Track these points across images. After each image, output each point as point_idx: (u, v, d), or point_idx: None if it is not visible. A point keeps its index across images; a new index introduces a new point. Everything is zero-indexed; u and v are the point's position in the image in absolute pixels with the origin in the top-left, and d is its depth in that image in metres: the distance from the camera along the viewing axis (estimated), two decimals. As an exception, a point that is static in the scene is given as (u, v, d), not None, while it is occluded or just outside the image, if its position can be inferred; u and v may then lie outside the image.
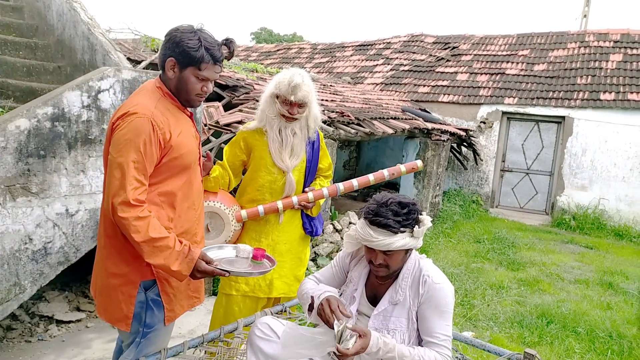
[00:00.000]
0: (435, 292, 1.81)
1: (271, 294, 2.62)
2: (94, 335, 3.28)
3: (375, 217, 1.74)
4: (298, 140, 2.58)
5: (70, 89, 2.91)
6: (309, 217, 2.74)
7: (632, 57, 9.59)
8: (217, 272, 1.81)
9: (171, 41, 1.81)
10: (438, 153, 7.51)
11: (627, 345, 3.94)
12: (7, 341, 3.11)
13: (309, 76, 2.58)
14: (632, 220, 8.54)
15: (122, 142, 1.72)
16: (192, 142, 1.94)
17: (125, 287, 1.82)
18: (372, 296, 1.96)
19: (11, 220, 2.72)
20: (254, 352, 1.90)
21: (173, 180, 1.86)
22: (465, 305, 4.56)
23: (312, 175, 2.75)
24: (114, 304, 1.84)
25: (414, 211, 1.79)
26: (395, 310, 1.85)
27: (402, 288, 1.86)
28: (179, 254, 1.72)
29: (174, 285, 1.90)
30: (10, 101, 3.80)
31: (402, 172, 2.85)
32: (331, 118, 5.52)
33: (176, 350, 1.97)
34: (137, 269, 1.82)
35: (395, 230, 1.73)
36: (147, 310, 1.87)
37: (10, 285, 2.76)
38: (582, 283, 5.61)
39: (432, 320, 1.81)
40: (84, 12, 4.42)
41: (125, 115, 1.76)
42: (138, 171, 1.71)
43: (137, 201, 1.69)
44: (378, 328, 1.84)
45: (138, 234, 1.67)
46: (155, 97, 1.84)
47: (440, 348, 1.77)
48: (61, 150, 2.91)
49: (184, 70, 1.83)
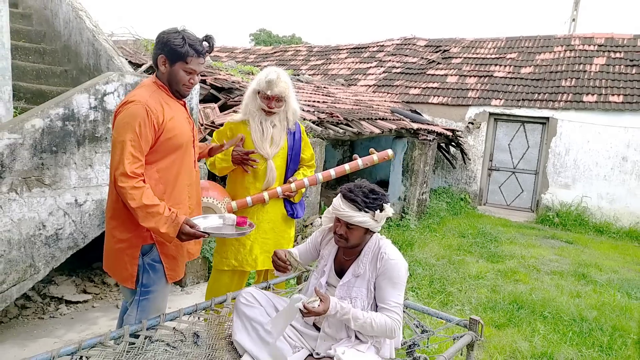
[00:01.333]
0: (390, 266, 2.15)
1: (256, 267, 2.99)
2: (100, 314, 3.63)
3: (348, 192, 2.11)
4: (277, 131, 2.94)
5: (79, 91, 3.26)
6: (291, 202, 3.09)
7: (615, 61, 9.95)
8: (199, 234, 2.17)
9: (160, 42, 2.20)
10: (425, 152, 7.86)
11: (587, 327, 4.29)
12: (22, 318, 3.46)
13: (286, 73, 2.94)
14: (612, 217, 8.90)
15: (121, 125, 2.10)
16: (185, 125, 2.31)
17: (129, 250, 2.21)
18: (339, 270, 2.30)
19: (27, 208, 3.07)
20: (238, 316, 2.24)
21: (168, 158, 2.23)
22: (441, 292, 4.91)
23: (295, 162, 3.09)
24: (121, 265, 2.22)
25: (381, 199, 2.12)
26: (357, 281, 2.19)
27: (363, 263, 2.19)
28: (167, 219, 2.09)
29: (172, 247, 2.27)
30: (22, 102, 4.15)
31: (375, 161, 3.19)
32: (320, 119, 5.87)
33: (173, 315, 2.31)
34: (139, 235, 2.20)
35: (360, 207, 2.07)
36: (143, 272, 2.24)
37: (26, 266, 3.11)
38: (557, 274, 5.96)
39: (386, 290, 2.14)
40: (89, 20, 4.77)
41: (125, 103, 2.16)
42: (134, 149, 2.08)
43: (134, 174, 2.06)
44: (342, 296, 2.18)
45: (133, 200, 2.05)
46: (151, 89, 2.22)
47: (391, 313, 2.10)
48: (71, 146, 3.26)
49: (174, 65, 2.20)
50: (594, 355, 3.81)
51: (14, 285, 3.06)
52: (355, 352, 2.02)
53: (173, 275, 2.33)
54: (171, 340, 2.18)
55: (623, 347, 3.98)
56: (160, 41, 2.20)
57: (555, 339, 4.05)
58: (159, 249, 2.25)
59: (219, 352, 2.19)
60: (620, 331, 4.26)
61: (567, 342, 4.00)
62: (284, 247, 3.09)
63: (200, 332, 2.27)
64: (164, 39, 2.18)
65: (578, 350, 3.87)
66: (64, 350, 1.93)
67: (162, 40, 2.19)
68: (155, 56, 2.22)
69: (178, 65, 2.20)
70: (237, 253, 2.95)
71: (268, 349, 2.14)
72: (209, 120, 5.19)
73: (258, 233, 2.95)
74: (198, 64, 2.23)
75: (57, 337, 3.26)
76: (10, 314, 3.45)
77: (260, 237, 2.97)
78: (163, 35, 2.20)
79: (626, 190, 8.84)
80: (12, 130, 2.94)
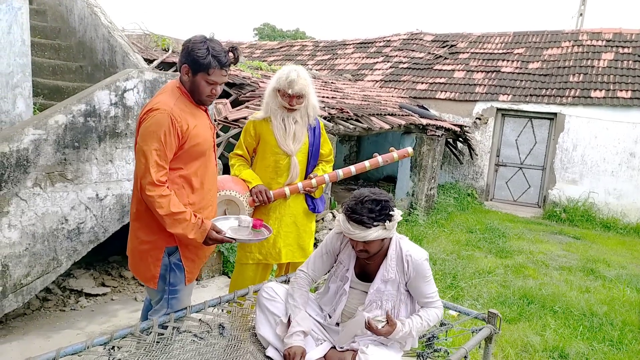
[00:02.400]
0: (419, 267, 2.19)
1: (280, 260, 3.07)
2: (120, 307, 3.70)
3: (352, 214, 2.04)
4: (299, 127, 3.00)
5: (100, 88, 3.32)
6: (312, 197, 3.15)
7: (623, 56, 9.93)
8: (226, 239, 2.24)
9: (185, 50, 2.20)
10: (433, 147, 7.89)
11: (597, 322, 4.34)
12: (44, 310, 3.53)
13: (306, 71, 2.99)
14: (619, 213, 8.92)
15: (146, 133, 2.11)
16: (207, 132, 2.34)
17: (153, 251, 2.25)
18: (361, 273, 2.31)
19: (50, 202, 3.14)
20: (261, 310, 2.30)
21: (191, 165, 2.26)
22: (452, 287, 4.96)
23: (315, 158, 3.15)
24: (145, 265, 2.27)
25: (387, 207, 2.07)
26: (387, 285, 2.22)
27: (391, 267, 2.21)
28: (194, 225, 2.14)
29: (193, 252, 2.32)
30: (40, 98, 4.21)
31: (395, 159, 3.24)
32: (331, 114, 5.91)
33: (199, 307, 2.37)
34: (163, 237, 2.24)
35: (369, 225, 2.03)
36: (170, 272, 2.29)
37: (49, 259, 3.18)
38: (566, 270, 6.00)
39: (422, 287, 2.22)
40: (104, 16, 4.82)
41: (150, 111, 2.16)
42: (160, 157, 2.11)
43: (160, 182, 2.10)
44: (373, 300, 2.21)
45: (162, 208, 2.09)
46: (175, 95, 2.22)
47: (435, 304, 2.21)
48: (92, 142, 3.31)
49: (196, 76, 2.19)
50: (605, 349, 3.86)
51: (38, 278, 3.13)
52: (379, 347, 2.07)
53: (190, 277, 2.37)
54: (198, 332, 2.24)
55: (634, 341, 4.03)
56: (185, 50, 2.19)
57: (566, 334, 4.10)
58: (181, 252, 2.29)
59: (245, 344, 2.25)
60: (631, 326, 4.30)
61: (578, 337, 4.05)
62: (305, 240, 3.15)
63: (225, 324, 2.33)
64: (189, 48, 2.17)
65: (589, 344, 3.92)
66: (97, 340, 2.00)
67: (186, 49, 2.18)
68: (180, 64, 2.22)
69: (200, 75, 2.18)
70: (261, 247, 3.03)
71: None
72: (222, 116, 5.24)
73: (281, 227, 3.02)
74: (220, 75, 2.21)
75: (79, 328, 3.33)
76: (33, 306, 3.52)
77: (282, 231, 3.04)
78: (188, 44, 2.19)
79: (634, 186, 8.85)
80: (37, 126, 3.00)
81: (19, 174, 2.96)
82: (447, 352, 2.22)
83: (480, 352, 2.54)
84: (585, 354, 3.75)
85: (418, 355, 2.33)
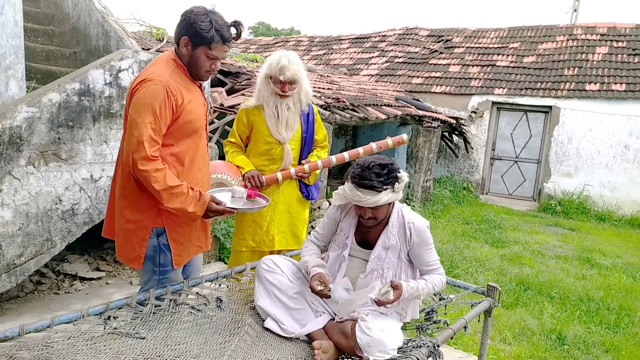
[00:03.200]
0: (422, 234, 2.18)
1: (274, 247, 3.01)
2: (114, 290, 3.66)
3: (362, 180, 2.03)
4: (292, 114, 2.94)
5: (95, 67, 3.28)
6: (306, 184, 3.12)
7: (617, 50, 9.98)
8: (227, 210, 2.17)
9: (185, 21, 2.04)
10: (429, 139, 7.89)
11: (594, 306, 4.35)
12: (38, 293, 3.48)
13: (297, 55, 2.92)
14: (614, 205, 8.96)
15: (140, 105, 1.98)
16: (201, 109, 2.24)
17: (139, 231, 2.14)
18: (362, 241, 2.31)
19: (44, 182, 3.09)
20: (260, 281, 2.26)
21: (182, 143, 2.16)
22: (449, 273, 4.95)
23: (309, 145, 3.11)
24: (129, 245, 2.16)
25: (393, 170, 2.09)
26: (388, 252, 2.20)
27: (392, 234, 2.20)
28: (192, 198, 2.06)
29: (180, 233, 2.21)
30: (34, 82, 4.16)
31: (389, 145, 3.21)
32: (327, 103, 5.89)
33: (196, 281, 2.34)
34: (150, 217, 2.13)
35: (380, 189, 2.03)
36: (160, 253, 2.19)
37: (43, 240, 3.13)
38: (562, 259, 6.01)
39: (425, 255, 2.20)
40: (97, 2, 4.77)
41: (144, 81, 2.01)
42: (154, 131, 1.97)
43: (154, 157, 1.99)
44: (374, 268, 2.19)
45: (157, 183, 1.98)
46: (170, 67, 2.09)
47: (437, 270, 2.20)
48: (87, 122, 3.27)
49: (196, 49, 2.06)
50: (602, 332, 3.86)
51: (32, 259, 3.08)
52: (378, 315, 2.05)
53: (179, 260, 2.24)
54: (195, 304, 2.21)
55: (630, 325, 4.04)
56: (185, 21, 2.04)
57: (563, 317, 4.10)
58: (168, 234, 2.17)
59: (243, 316, 2.21)
60: (627, 310, 4.32)
61: (575, 320, 4.05)
62: (298, 227, 3.12)
63: (223, 298, 2.30)
64: (190, 20, 2.03)
65: (587, 328, 3.92)
66: (93, 309, 1.97)
67: (187, 20, 2.04)
68: (179, 36, 2.08)
69: (200, 49, 2.06)
70: (255, 234, 2.99)
71: (290, 313, 2.18)
72: (217, 103, 5.20)
73: (274, 214, 2.98)
74: (222, 50, 2.09)
75: (73, 310, 3.28)
76: (26, 288, 3.48)
77: (276, 218, 3.00)
78: (190, 14, 2.04)
79: (628, 178, 8.89)
80: (30, 104, 2.96)
81: (12, 152, 2.91)
82: (447, 323, 2.20)
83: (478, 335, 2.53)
84: (583, 336, 3.75)
85: (418, 327, 2.31)
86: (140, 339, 1.88)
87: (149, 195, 2.07)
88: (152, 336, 1.93)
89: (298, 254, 3.07)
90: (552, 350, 3.54)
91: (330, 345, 2.03)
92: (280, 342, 2.10)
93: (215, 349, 1.90)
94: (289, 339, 2.13)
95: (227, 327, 2.10)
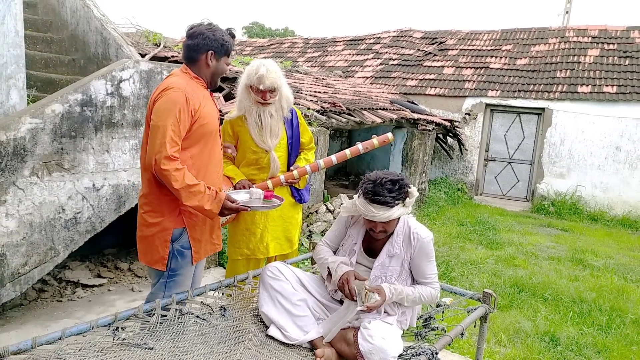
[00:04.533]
0: (424, 245, 2.27)
1: (268, 254, 3.08)
2: (117, 297, 3.71)
3: (375, 196, 2.12)
4: (275, 121, 2.98)
5: (97, 77, 3.32)
6: (297, 188, 3.17)
7: (609, 52, 10.12)
8: (241, 208, 2.31)
9: (207, 38, 2.29)
10: (424, 142, 7.98)
11: (586, 308, 4.45)
12: (41, 300, 3.53)
13: (275, 63, 2.95)
14: (606, 206, 9.09)
15: (161, 110, 2.18)
16: (214, 114, 2.42)
17: (161, 233, 2.30)
18: (368, 249, 2.38)
19: (47, 192, 3.14)
20: (265, 288, 2.33)
21: (200, 144, 2.33)
22: (445, 277, 5.04)
23: (296, 150, 3.15)
24: (153, 248, 2.31)
25: (404, 185, 2.18)
26: (392, 261, 2.28)
27: (397, 243, 2.28)
28: (209, 196, 2.22)
29: (199, 232, 2.38)
30: (34, 90, 4.19)
31: (375, 145, 3.22)
32: (324, 108, 5.95)
33: (200, 290, 2.40)
34: (170, 219, 2.30)
35: (392, 205, 2.12)
36: (172, 258, 2.33)
37: (47, 249, 3.18)
38: (555, 260, 6.11)
39: (424, 266, 2.28)
40: (96, 9, 4.81)
41: (165, 90, 2.24)
42: (174, 133, 2.17)
43: (174, 157, 2.16)
44: (377, 275, 2.27)
45: (177, 182, 2.15)
46: (185, 78, 2.32)
47: (432, 284, 2.26)
48: (89, 132, 3.32)
49: (220, 59, 2.34)
50: (594, 333, 3.96)
51: (36, 267, 3.13)
52: (380, 323, 2.12)
53: (197, 257, 2.42)
54: (200, 313, 2.27)
55: (622, 326, 4.14)
56: (206, 37, 2.28)
57: (556, 319, 4.19)
58: (189, 233, 2.34)
59: (246, 324, 2.28)
60: (619, 311, 4.42)
61: (568, 322, 4.15)
62: (291, 232, 3.18)
63: (226, 306, 2.36)
64: (212, 36, 2.28)
65: (579, 329, 4.02)
66: (102, 321, 2.02)
67: (209, 37, 2.28)
68: (199, 52, 2.30)
69: (223, 59, 2.35)
70: (249, 242, 3.04)
71: (294, 320, 2.24)
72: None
73: (267, 221, 3.03)
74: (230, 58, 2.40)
75: (77, 318, 3.34)
76: (30, 296, 3.52)
77: (269, 225, 3.05)
78: (207, 32, 2.29)
79: (620, 179, 9.03)
80: (34, 115, 3.00)
81: (16, 162, 2.96)
82: (444, 329, 2.28)
83: (474, 338, 2.60)
84: (575, 338, 3.84)
85: (416, 334, 2.39)
86: (149, 350, 1.95)
87: (170, 199, 2.26)
88: (159, 346, 1.99)
89: (296, 262, 3.15)
90: (546, 352, 3.63)
91: (333, 353, 2.10)
92: (284, 350, 2.17)
93: (221, 359, 1.97)
94: (292, 346, 2.20)
95: (232, 336, 2.17)
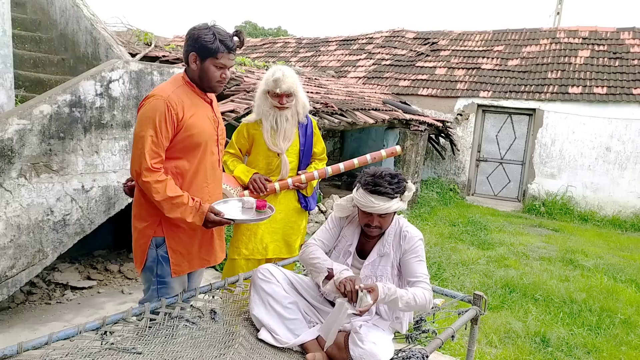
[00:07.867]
0: (415, 243, 2.28)
1: (267, 255, 3.09)
2: (106, 299, 3.67)
3: (375, 186, 2.14)
4: (290, 125, 3.05)
5: (86, 78, 3.29)
6: (304, 195, 3.19)
7: (599, 53, 10.20)
8: (224, 221, 2.23)
9: (191, 38, 2.19)
10: (416, 142, 8.00)
11: (576, 308, 4.47)
12: (29, 303, 3.49)
13: (291, 69, 3.04)
14: (596, 206, 9.16)
15: (142, 119, 2.12)
16: (206, 124, 2.28)
17: (141, 240, 2.25)
18: (360, 250, 2.38)
19: (36, 194, 3.10)
20: (256, 291, 2.31)
21: (186, 156, 2.23)
22: (437, 277, 5.05)
23: (307, 158, 3.20)
24: (136, 252, 2.29)
25: (402, 180, 2.22)
26: (382, 260, 2.29)
27: (388, 243, 2.29)
28: (192, 208, 2.15)
29: (180, 244, 2.27)
30: (22, 91, 4.15)
31: (383, 157, 3.31)
32: (316, 109, 5.94)
33: (190, 294, 2.38)
34: (150, 226, 2.23)
35: (392, 196, 2.14)
36: (157, 264, 2.27)
37: (35, 251, 3.14)
38: (546, 260, 6.15)
39: (414, 265, 2.27)
40: (86, 8, 4.76)
41: (147, 97, 2.18)
42: (154, 144, 2.10)
43: (155, 168, 2.10)
44: (367, 275, 2.27)
45: (158, 194, 2.09)
46: (177, 84, 2.22)
47: (423, 284, 2.23)
48: (78, 133, 3.28)
49: (204, 62, 2.19)
50: (584, 334, 3.98)
51: (24, 270, 3.09)
52: (371, 327, 2.12)
53: (177, 270, 2.30)
54: (190, 317, 2.25)
55: (611, 326, 4.16)
56: (190, 38, 2.19)
57: (547, 320, 4.21)
58: (167, 243, 2.25)
59: (237, 327, 2.26)
60: (608, 312, 4.45)
61: (559, 322, 4.17)
62: (292, 237, 3.18)
63: (217, 309, 2.35)
64: (195, 36, 2.17)
65: (569, 329, 4.04)
66: (89, 325, 2.00)
67: (192, 37, 2.18)
68: (187, 53, 2.21)
69: (209, 61, 2.18)
70: (248, 242, 3.06)
71: (285, 323, 2.23)
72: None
73: (270, 222, 3.03)
74: (228, 59, 2.21)
75: (66, 321, 3.30)
76: (17, 299, 3.48)
77: (271, 227, 3.07)
78: (194, 32, 2.19)
79: (610, 179, 9.10)
80: (21, 116, 2.97)
81: (3, 164, 2.92)
82: (435, 332, 2.28)
83: (465, 339, 2.61)
84: (566, 338, 3.86)
85: (407, 337, 2.38)
86: (137, 354, 1.92)
87: (152, 205, 2.18)
88: (148, 351, 1.96)
89: (290, 264, 3.14)
90: (537, 352, 3.64)
91: (324, 357, 2.09)
92: (274, 353, 2.15)
93: (211, 363, 1.95)
94: (282, 350, 2.18)
95: (222, 340, 2.15)
